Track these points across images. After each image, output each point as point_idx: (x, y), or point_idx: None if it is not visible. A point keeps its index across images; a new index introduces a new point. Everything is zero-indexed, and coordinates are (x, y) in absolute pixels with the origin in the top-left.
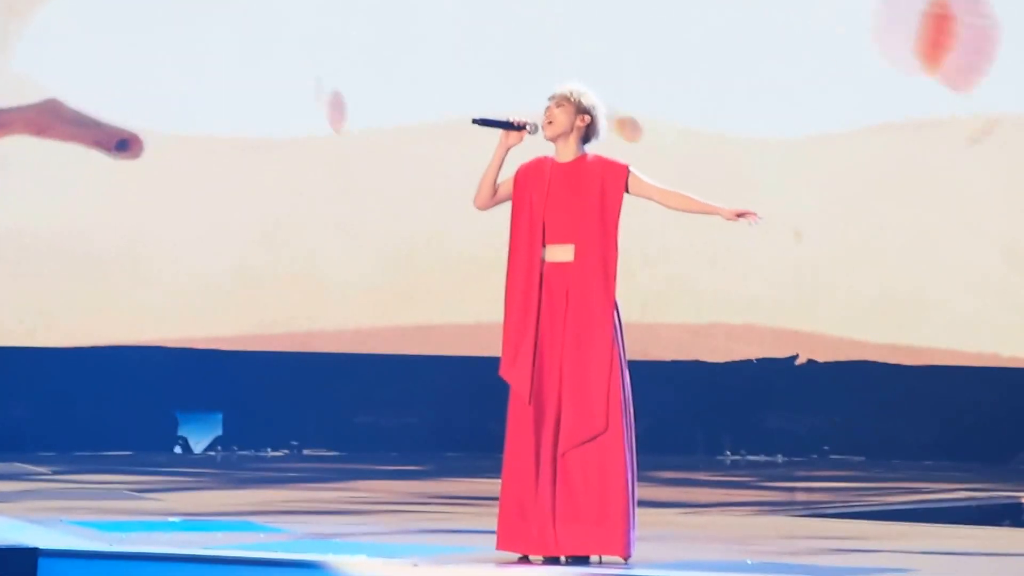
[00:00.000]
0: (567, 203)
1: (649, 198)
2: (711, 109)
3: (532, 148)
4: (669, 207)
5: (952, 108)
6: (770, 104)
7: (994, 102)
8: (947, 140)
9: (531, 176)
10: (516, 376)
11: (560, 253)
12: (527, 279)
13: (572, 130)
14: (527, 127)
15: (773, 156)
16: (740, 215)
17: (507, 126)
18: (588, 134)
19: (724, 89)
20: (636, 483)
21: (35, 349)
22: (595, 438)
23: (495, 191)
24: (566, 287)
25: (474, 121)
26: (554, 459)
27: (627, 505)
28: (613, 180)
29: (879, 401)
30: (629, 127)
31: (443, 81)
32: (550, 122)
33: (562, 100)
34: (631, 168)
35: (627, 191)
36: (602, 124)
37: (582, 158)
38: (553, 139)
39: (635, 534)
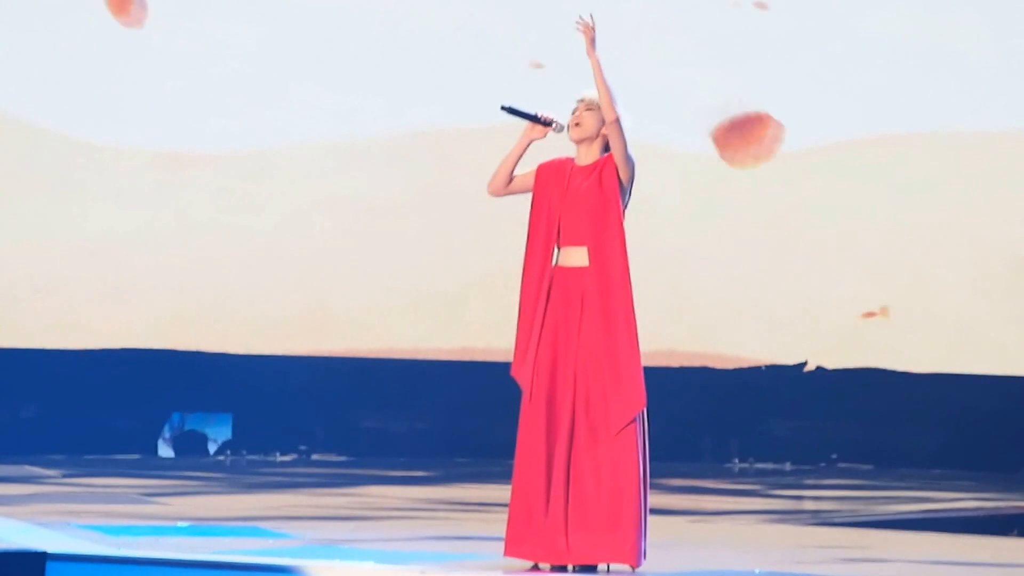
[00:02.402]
0: (582, 206)
1: (614, 144)
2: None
3: (559, 148)
4: (611, 120)
5: (955, 119)
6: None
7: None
8: (952, 151)
9: (552, 176)
10: (523, 375)
11: (575, 256)
12: (540, 279)
13: (597, 136)
14: (553, 125)
15: (785, 163)
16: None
17: (534, 119)
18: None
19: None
20: (648, 491)
21: (44, 351)
22: (633, 422)
23: (510, 180)
24: (582, 291)
25: (502, 107)
26: (568, 465)
27: (639, 513)
28: (605, 168)
29: (888, 409)
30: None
31: (440, 89)
32: (577, 124)
33: (593, 104)
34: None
35: (618, 170)
36: (627, 135)
37: (596, 161)
38: (578, 142)
39: (646, 543)
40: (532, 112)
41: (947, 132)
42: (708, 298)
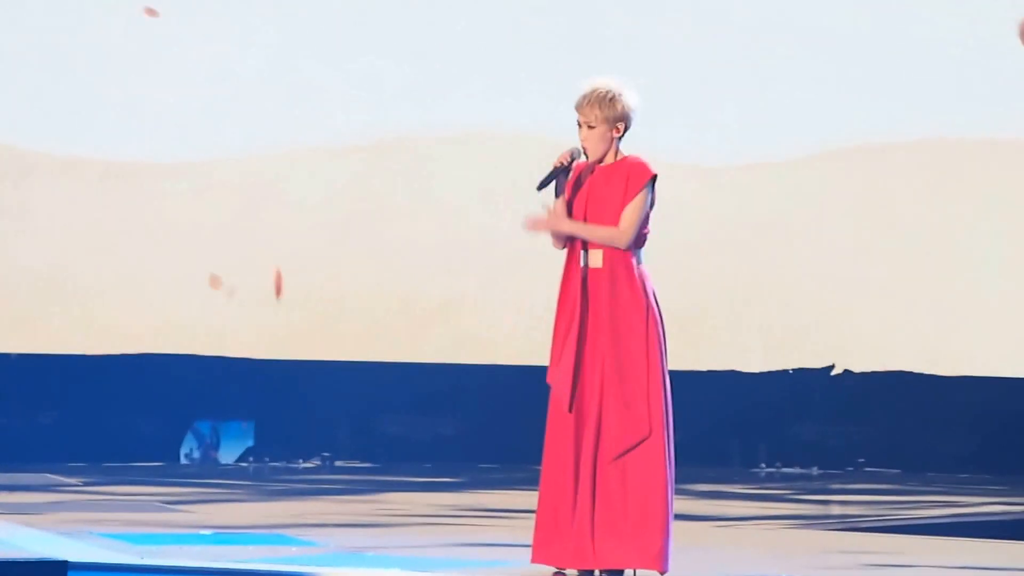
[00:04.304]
0: (600, 207)
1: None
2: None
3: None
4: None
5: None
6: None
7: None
8: (982, 157)
9: (576, 183)
10: (558, 382)
11: (594, 258)
12: (572, 284)
13: (610, 146)
14: (573, 159)
15: (811, 165)
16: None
17: (563, 171)
18: (624, 134)
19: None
20: (673, 496)
21: (64, 357)
22: (639, 445)
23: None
24: (599, 292)
25: (539, 188)
26: (594, 471)
27: (666, 518)
28: (634, 182)
29: (915, 412)
30: None
31: (462, 90)
32: (586, 148)
33: (592, 116)
34: (652, 181)
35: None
36: (633, 114)
37: (623, 161)
38: (598, 160)
39: (671, 548)
40: (554, 168)
41: (973, 139)
42: (735, 301)
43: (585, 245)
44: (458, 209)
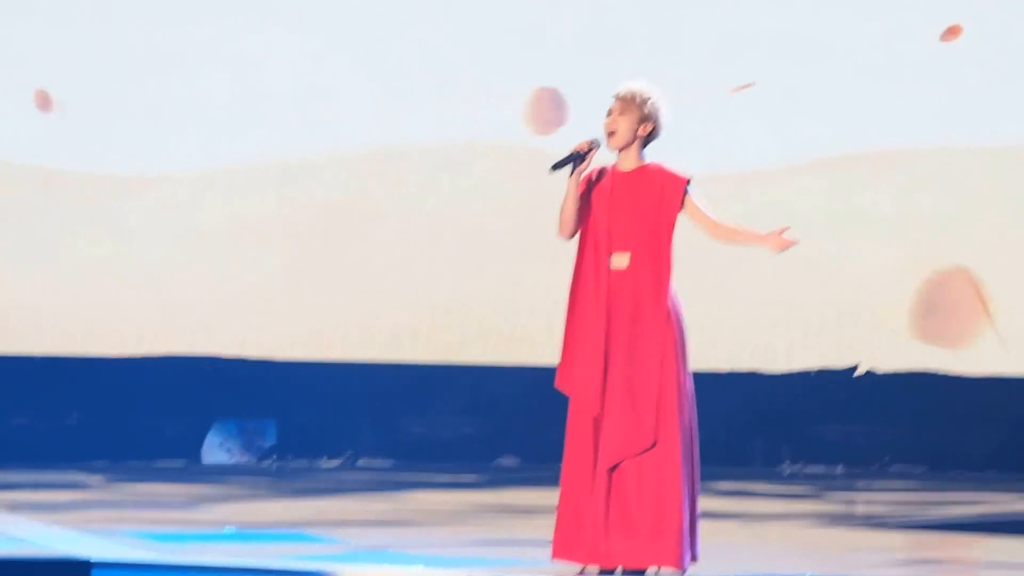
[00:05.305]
0: (628, 212)
1: (698, 224)
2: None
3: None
4: (715, 238)
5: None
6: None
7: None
8: (1004, 160)
9: (594, 185)
10: (579, 388)
11: (619, 262)
12: (594, 289)
13: (634, 139)
14: (593, 147)
15: (831, 167)
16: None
17: (578, 158)
18: (649, 140)
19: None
20: (698, 494)
21: (88, 359)
22: (642, 453)
23: (577, 220)
24: (624, 294)
25: (551, 170)
26: (609, 469)
27: (682, 517)
28: (672, 193)
29: (940, 411)
30: None
31: (489, 99)
32: (612, 132)
33: (626, 106)
34: (689, 186)
35: (682, 207)
36: (663, 125)
37: (644, 167)
38: (616, 150)
39: (696, 546)
40: (572, 153)
41: (993, 143)
42: (758, 302)
43: (610, 246)
44: (477, 211)
